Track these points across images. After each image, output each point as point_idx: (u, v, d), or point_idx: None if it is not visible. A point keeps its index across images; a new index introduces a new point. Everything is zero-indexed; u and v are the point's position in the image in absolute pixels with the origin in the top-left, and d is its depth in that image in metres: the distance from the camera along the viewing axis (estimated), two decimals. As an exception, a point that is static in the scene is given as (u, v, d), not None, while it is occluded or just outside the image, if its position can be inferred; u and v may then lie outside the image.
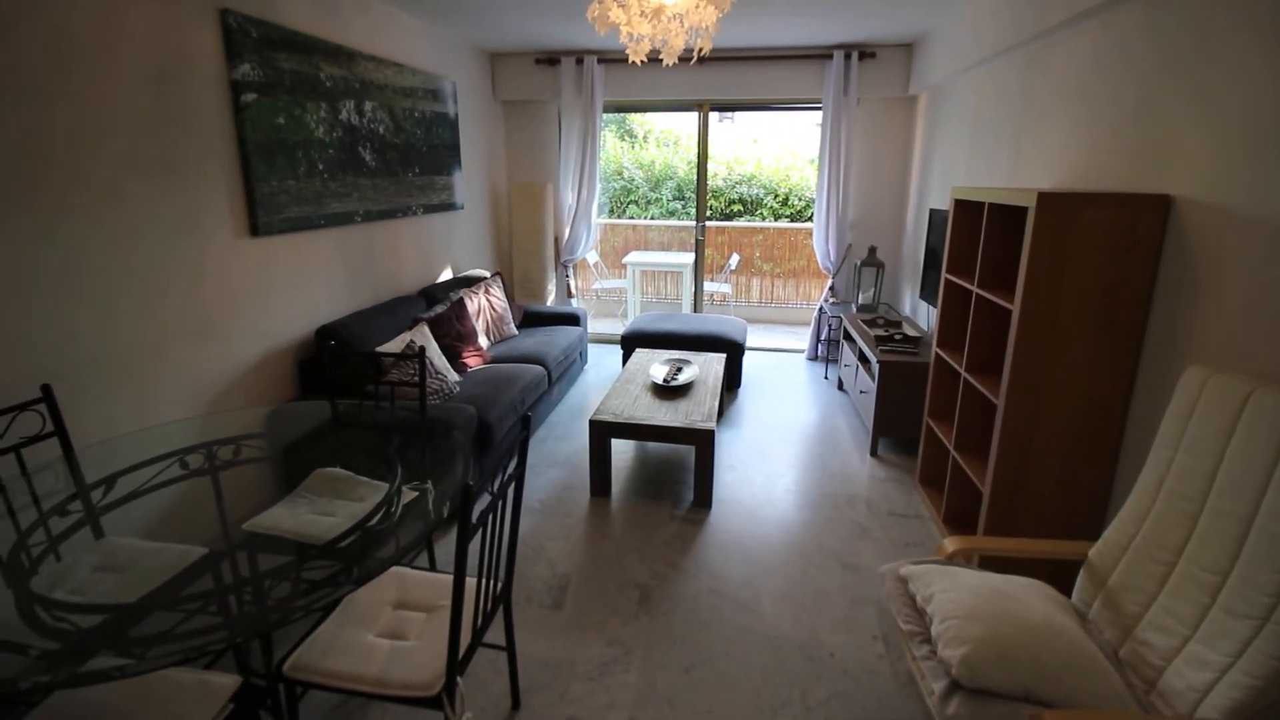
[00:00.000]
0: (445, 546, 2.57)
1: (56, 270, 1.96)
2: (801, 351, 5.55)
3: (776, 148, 8.89)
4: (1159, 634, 1.46)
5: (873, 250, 4.68)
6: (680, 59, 4.33)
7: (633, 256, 6.72)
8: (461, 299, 3.80)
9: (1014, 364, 2.10)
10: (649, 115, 9.36)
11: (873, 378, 3.53)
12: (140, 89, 2.20)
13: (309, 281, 3.09)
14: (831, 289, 5.10)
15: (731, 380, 4.48)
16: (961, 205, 2.76)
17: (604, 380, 4.75)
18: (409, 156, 3.86)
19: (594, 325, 5.98)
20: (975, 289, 2.47)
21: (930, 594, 1.62)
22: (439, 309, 3.60)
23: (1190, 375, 1.60)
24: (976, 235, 2.56)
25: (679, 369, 3.55)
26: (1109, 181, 2.25)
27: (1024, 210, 2.11)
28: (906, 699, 1.90)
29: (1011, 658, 1.39)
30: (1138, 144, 2.10)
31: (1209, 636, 1.35)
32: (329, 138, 3.12)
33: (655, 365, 3.65)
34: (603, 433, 2.99)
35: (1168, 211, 1.93)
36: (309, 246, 3.07)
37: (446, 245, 4.48)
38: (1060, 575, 1.85)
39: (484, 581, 1.53)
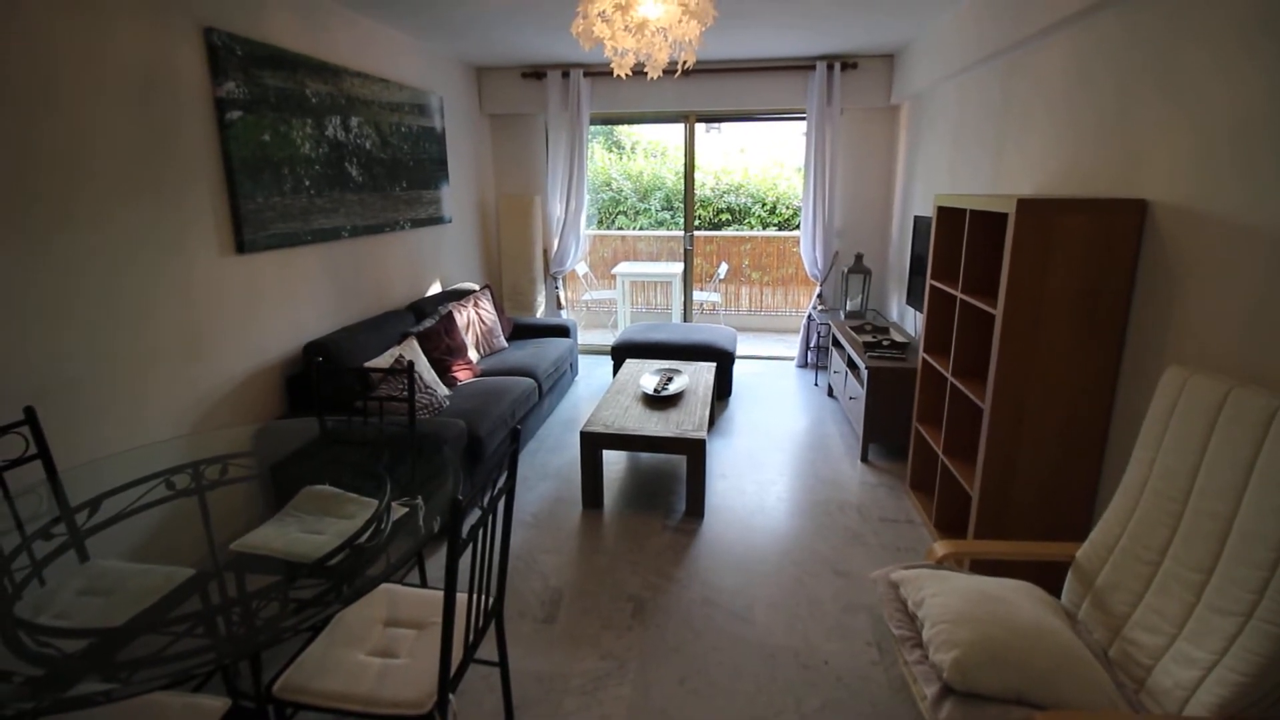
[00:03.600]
0: (436, 562, 2.56)
1: (38, 290, 1.95)
2: (791, 359, 5.58)
3: (763, 157, 8.96)
4: (1147, 633, 1.47)
5: (859, 257, 4.73)
6: (665, 72, 4.37)
7: (622, 267, 6.74)
8: (450, 312, 3.80)
9: (998, 368, 2.12)
10: (636, 126, 9.42)
11: (861, 384, 3.55)
12: (124, 107, 2.20)
13: (296, 298, 3.08)
14: (820, 296, 5.14)
15: (722, 389, 4.50)
16: (944, 212, 2.79)
17: (595, 391, 4.75)
18: (396, 171, 3.87)
19: (584, 336, 5.99)
20: (959, 294, 2.49)
21: (921, 598, 1.63)
22: (428, 323, 3.60)
23: (1170, 376, 1.63)
24: (959, 242, 2.59)
25: (669, 379, 3.55)
26: (1089, 187, 2.29)
27: (1005, 216, 2.14)
28: (901, 705, 1.91)
29: (1002, 660, 1.40)
30: (1116, 150, 2.14)
31: (1195, 634, 1.36)
32: (315, 154, 3.12)
33: (646, 375, 3.65)
34: (594, 444, 2.99)
35: (1144, 216, 1.96)
36: (295, 263, 3.06)
37: (435, 259, 4.48)
38: (1049, 577, 1.87)
39: (475, 597, 1.52)
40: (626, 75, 2.32)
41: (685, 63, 2.36)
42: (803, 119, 4.91)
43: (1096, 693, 1.38)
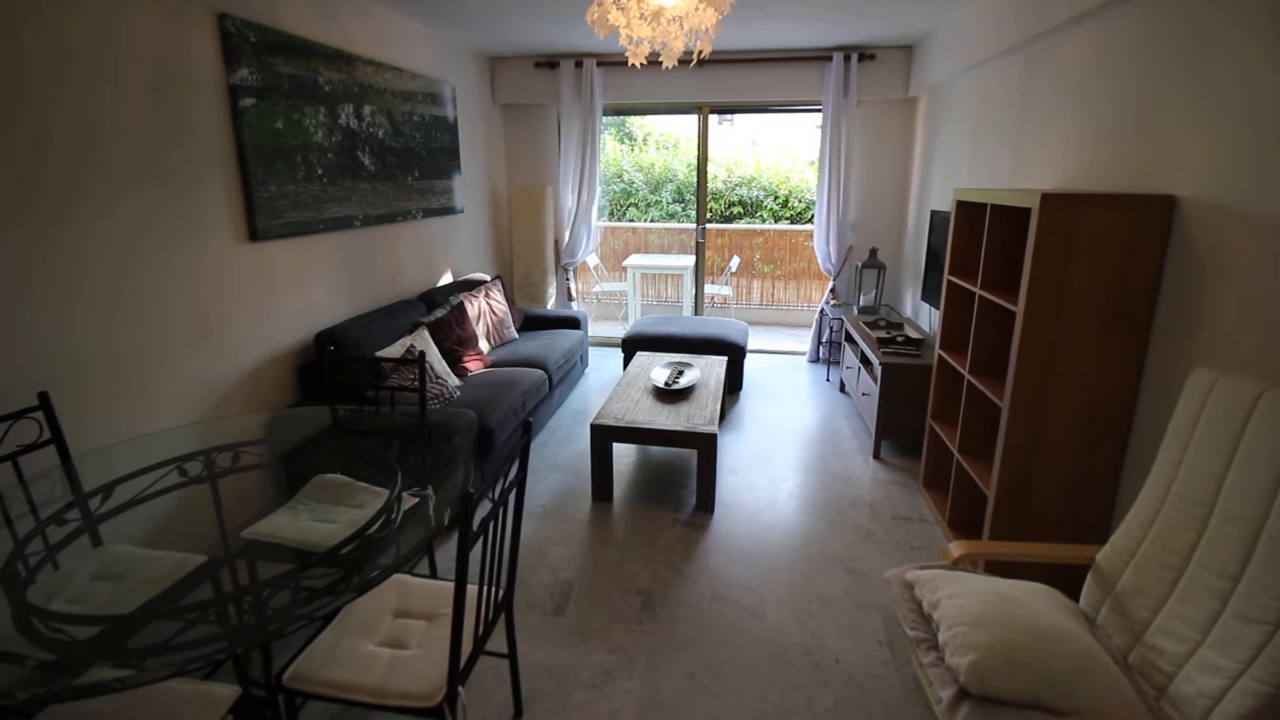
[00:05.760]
0: (446, 553, 2.56)
1: (54, 276, 1.95)
2: (803, 354, 5.54)
3: (776, 150, 8.88)
4: (1169, 639, 1.44)
5: (874, 252, 4.68)
6: (680, 61, 4.33)
7: (633, 259, 6.71)
8: (462, 303, 3.79)
9: (1018, 366, 2.08)
10: (649, 118, 9.36)
11: (875, 380, 3.51)
12: (138, 93, 2.19)
13: (308, 286, 3.07)
14: (832, 291, 5.09)
15: (733, 383, 4.47)
16: (964, 207, 2.74)
17: (605, 384, 4.74)
18: (408, 160, 3.85)
19: (595, 328, 5.97)
20: (978, 291, 2.45)
21: (937, 600, 1.61)
22: (439, 313, 3.59)
23: (1197, 377, 1.59)
24: (979, 237, 2.54)
25: (680, 372, 3.53)
26: (1112, 182, 2.24)
27: (1027, 211, 2.10)
28: (913, 706, 1.89)
29: (1020, 665, 1.37)
30: (1141, 144, 2.09)
31: (1220, 642, 1.33)
32: (328, 142, 3.11)
33: (656, 368, 3.63)
34: (604, 437, 2.98)
35: (1172, 212, 1.91)
36: (308, 251, 3.06)
37: (446, 249, 4.47)
38: (1068, 580, 1.83)
39: (485, 589, 1.52)
40: (641, 65, 2.29)
41: (701, 52, 2.32)
42: (818, 111, 4.85)
43: (1116, 699, 1.35)
